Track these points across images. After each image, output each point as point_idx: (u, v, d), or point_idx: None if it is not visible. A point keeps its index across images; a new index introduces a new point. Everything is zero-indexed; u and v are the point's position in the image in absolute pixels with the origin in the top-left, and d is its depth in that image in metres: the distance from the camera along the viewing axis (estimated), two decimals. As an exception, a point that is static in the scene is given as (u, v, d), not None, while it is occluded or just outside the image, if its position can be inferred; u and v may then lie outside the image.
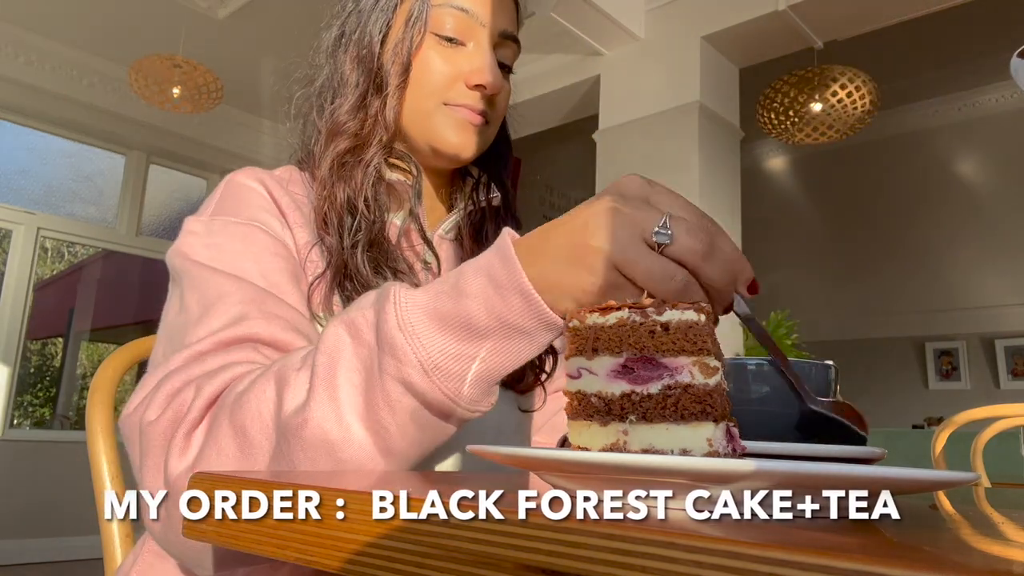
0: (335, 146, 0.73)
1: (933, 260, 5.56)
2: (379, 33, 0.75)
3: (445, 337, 0.47)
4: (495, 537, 0.27)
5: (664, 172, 3.59)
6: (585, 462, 0.33)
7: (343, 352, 0.50)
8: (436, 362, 0.47)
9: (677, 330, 0.39)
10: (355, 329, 0.50)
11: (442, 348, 0.47)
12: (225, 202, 0.71)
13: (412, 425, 0.49)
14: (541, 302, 0.46)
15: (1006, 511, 0.47)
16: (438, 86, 0.74)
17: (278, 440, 0.50)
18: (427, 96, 0.74)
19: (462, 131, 0.75)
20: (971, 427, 1.69)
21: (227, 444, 0.52)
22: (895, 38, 4.12)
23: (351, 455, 0.49)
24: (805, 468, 0.29)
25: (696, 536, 0.24)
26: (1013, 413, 1.63)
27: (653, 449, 0.39)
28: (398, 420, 0.49)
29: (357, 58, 0.76)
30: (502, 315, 0.47)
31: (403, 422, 0.49)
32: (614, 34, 3.78)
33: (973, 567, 0.20)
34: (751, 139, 5.35)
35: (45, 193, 4.73)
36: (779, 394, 0.50)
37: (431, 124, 0.75)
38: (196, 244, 0.67)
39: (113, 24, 4.18)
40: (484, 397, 0.50)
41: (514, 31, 0.77)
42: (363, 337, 0.50)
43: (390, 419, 0.49)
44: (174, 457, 0.53)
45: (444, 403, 0.48)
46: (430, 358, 0.47)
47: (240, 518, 0.37)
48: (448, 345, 0.47)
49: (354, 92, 0.75)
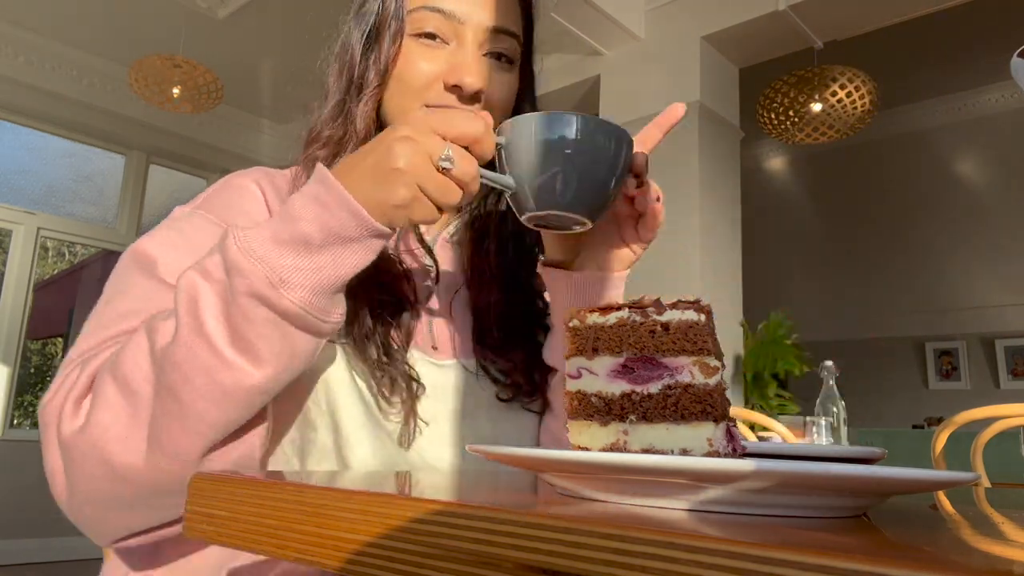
0: (309, 153, 0.74)
1: (933, 260, 5.56)
2: (359, 42, 0.75)
3: (285, 254, 0.54)
4: (495, 537, 0.27)
5: (664, 172, 3.58)
6: (585, 462, 0.33)
7: (200, 291, 0.55)
8: (280, 275, 0.53)
9: (677, 330, 0.39)
10: (205, 272, 0.55)
11: (284, 263, 0.53)
12: (213, 199, 0.73)
13: (274, 335, 0.54)
14: (364, 212, 0.54)
15: (1006, 511, 0.47)
16: (419, 87, 0.73)
17: (157, 378, 0.55)
18: (409, 99, 0.73)
19: None
20: (971, 427, 1.69)
21: (114, 398, 0.56)
22: (895, 38, 4.12)
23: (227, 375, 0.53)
24: (805, 468, 0.29)
25: (696, 536, 0.24)
26: (1013, 413, 1.63)
27: (653, 449, 0.39)
28: (258, 331, 0.54)
29: (339, 68, 0.76)
30: (333, 228, 0.54)
31: (264, 333, 0.54)
32: (614, 34, 3.78)
33: (973, 567, 0.20)
34: (751, 139, 5.35)
35: (45, 193, 4.73)
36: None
37: None
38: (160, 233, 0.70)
39: (113, 24, 4.18)
40: (332, 307, 0.56)
41: (507, 24, 0.74)
42: (214, 275, 0.55)
43: (251, 332, 0.54)
44: (65, 422, 0.57)
45: (295, 312, 0.54)
46: (274, 272, 0.53)
47: (240, 518, 0.37)
48: (289, 260, 0.53)
49: (332, 100, 0.75)
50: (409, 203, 0.54)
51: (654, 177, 0.64)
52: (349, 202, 0.54)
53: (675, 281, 3.44)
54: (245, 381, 0.54)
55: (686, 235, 3.47)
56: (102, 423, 0.55)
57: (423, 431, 0.70)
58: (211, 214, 0.71)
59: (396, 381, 0.68)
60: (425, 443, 0.70)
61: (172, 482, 0.56)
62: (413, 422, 0.69)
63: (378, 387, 0.68)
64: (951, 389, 5.40)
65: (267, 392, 0.56)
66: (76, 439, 0.56)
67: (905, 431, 4.27)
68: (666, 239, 3.54)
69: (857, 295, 5.85)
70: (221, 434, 0.56)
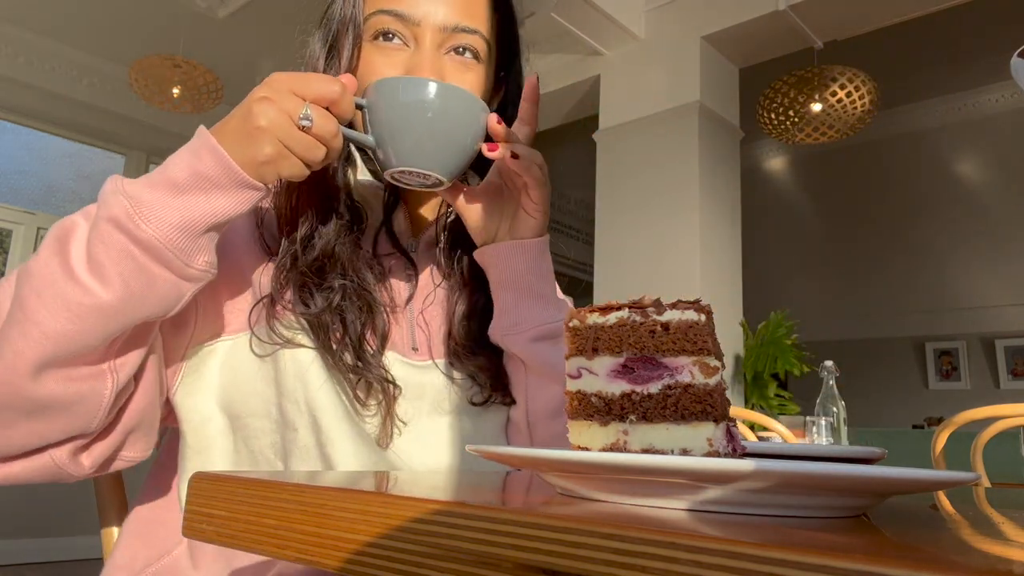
0: None
1: (933, 260, 5.56)
2: (322, 50, 0.75)
3: (151, 191, 0.56)
4: (495, 537, 0.27)
5: (664, 172, 3.59)
6: (585, 462, 0.33)
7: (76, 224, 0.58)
8: (141, 209, 0.55)
9: (677, 330, 0.39)
10: (85, 211, 0.59)
11: (147, 198, 0.56)
12: None
13: (128, 263, 0.55)
14: (230, 160, 0.57)
15: (1006, 511, 0.47)
16: None
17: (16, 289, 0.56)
18: None
19: None
20: (971, 427, 1.69)
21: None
22: (895, 38, 4.12)
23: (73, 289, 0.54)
24: (805, 468, 0.29)
25: (696, 536, 0.24)
26: (1013, 413, 1.63)
27: (653, 449, 0.39)
28: (113, 256, 0.55)
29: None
30: (197, 169, 0.57)
31: (118, 259, 0.55)
32: (614, 34, 3.78)
33: (973, 567, 0.20)
34: (751, 139, 5.35)
35: (45, 193, 4.73)
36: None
37: None
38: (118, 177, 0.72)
39: (113, 24, 4.18)
40: (195, 250, 0.58)
41: (466, 22, 0.73)
42: (89, 212, 0.58)
43: (106, 257, 0.55)
44: None
45: (152, 243, 0.55)
46: (136, 205, 0.55)
47: (240, 518, 0.37)
48: (153, 196, 0.56)
49: None
50: (275, 159, 0.58)
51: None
52: (216, 149, 0.57)
53: (675, 281, 3.44)
54: (88, 299, 0.54)
55: (686, 235, 3.48)
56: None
57: (402, 431, 0.71)
58: None
59: (372, 385, 0.69)
60: (405, 443, 0.71)
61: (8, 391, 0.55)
62: (391, 423, 0.70)
63: (354, 392, 0.68)
64: (951, 389, 5.40)
65: (113, 318, 0.55)
66: None
67: (905, 431, 4.27)
68: (666, 239, 3.55)
69: (857, 295, 5.85)
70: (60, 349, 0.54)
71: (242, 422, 0.69)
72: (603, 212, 3.79)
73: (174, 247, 0.56)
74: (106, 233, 0.55)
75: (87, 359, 0.57)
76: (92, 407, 0.58)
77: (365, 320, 0.71)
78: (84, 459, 0.61)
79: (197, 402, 0.69)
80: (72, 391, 0.56)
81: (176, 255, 0.56)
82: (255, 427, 0.69)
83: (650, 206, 3.61)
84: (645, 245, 3.59)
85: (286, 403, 0.67)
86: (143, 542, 0.71)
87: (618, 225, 3.71)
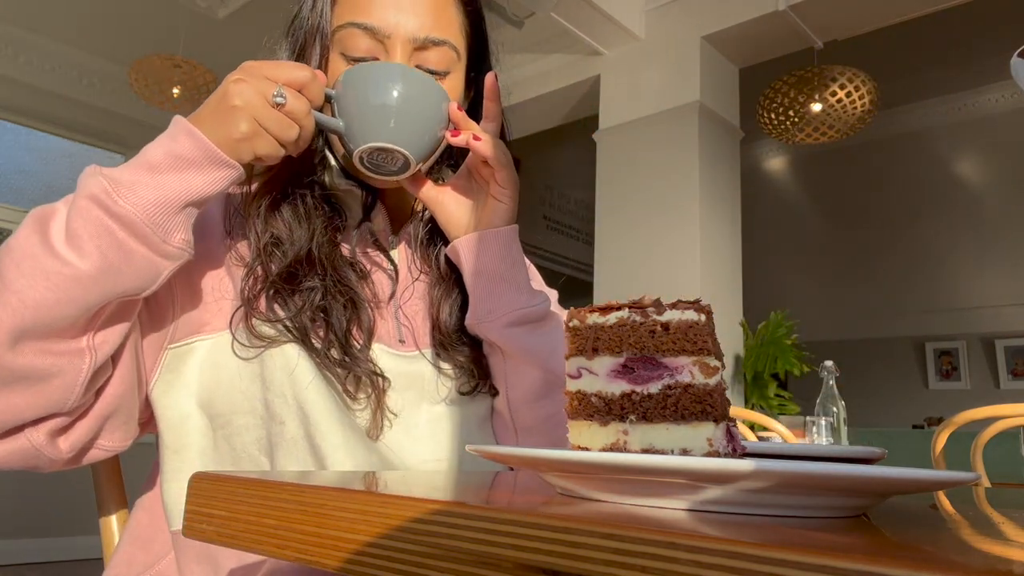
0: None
1: (933, 260, 5.56)
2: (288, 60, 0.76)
3: (129, 172, 0.58)
4: (495, 537, 0.27)
5: (664, 172, 3.59)
6: (585, 462, 0.32)
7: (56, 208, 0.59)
8: (118, 187, 0.57)
9: (677, 330, 0.39)
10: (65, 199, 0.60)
11: (125, 178, 0.58)
12: None
13: (105, 236, 0.56)
14: (205, 137, 0.59)
15: (1006, 511, 0.47)
16: None
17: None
18: None
19: None
20: (971, 427, 1.69)
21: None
22: (895, 38, 4.12)
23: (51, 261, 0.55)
24: (805, 468, 0.29)
25: (696, 536, 0.24)
26: (1013, 413, 1.63)
27: (653, 449, 0.39)
28: (90, 230, 0.56)
29: None
30: (173, 151, 0.59)
31: (95, 232, 0.56)
32: (614, 34, 3.78)
33: (973, 567, 0.20)
34: (751, 139, 5.35)
35: (45, 193, 4.73)
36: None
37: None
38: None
39: (113, 24, 4.18)
40: (173, 227, 0.59)
41: (436, 33, 0.73)
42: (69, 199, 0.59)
43: (84, 230, 0.56)
44: None
45: (129, 217, 0.57)
46: (113, 183, 0.57)
47: (240, 518, 0.37)
48: (131, 176, 0.58)
49: None
50: (251, 137, 0.60)
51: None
52: (192, 131, 0.59)
53: (675, 281, 3.44)
54: (67, 270, 0.55)
55: (686, 235, 3.48)
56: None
57: (392, 423, 0.72)
58: None
59: (361, 379, 0.70)
60: (396, 433, 0.72)
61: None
62: (381, 415, 0.71)
63: (343, 386, 0.69)
64: (951, 389, 5.40)
65: (91, 290, 0.56)
66: None
67: (905, 431, 4.27)
68: (666, 239, 3.55)
69: (857, 295, 5.85)
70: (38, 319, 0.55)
71: (223, 420, 0.69)
72: (603, 212, 3.79)
73: (151, 222, 0.57)
74: (84, 209, 0.57)
75: (66, 334, 0.57)
76: (69, 382, 0.58)
77: (350, 316, 0.71)
78: (62, 443, 0.62)
79: (174, 400, 0.69)
80: (49, 363, 0.57)
81: (153, 230, 0.58)
82: (238, 424, 0.68)
83: (650, 206, 3.61)
84: (645, 245, 3.59)
85: (272, 397, 0.67)
86: (141, 547, 0.72)
87: (618, 225, 3.71)
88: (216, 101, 0.61)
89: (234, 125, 0.60)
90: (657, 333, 0.40)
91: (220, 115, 0.60)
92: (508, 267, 0.74)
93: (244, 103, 0.59)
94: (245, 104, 0.59)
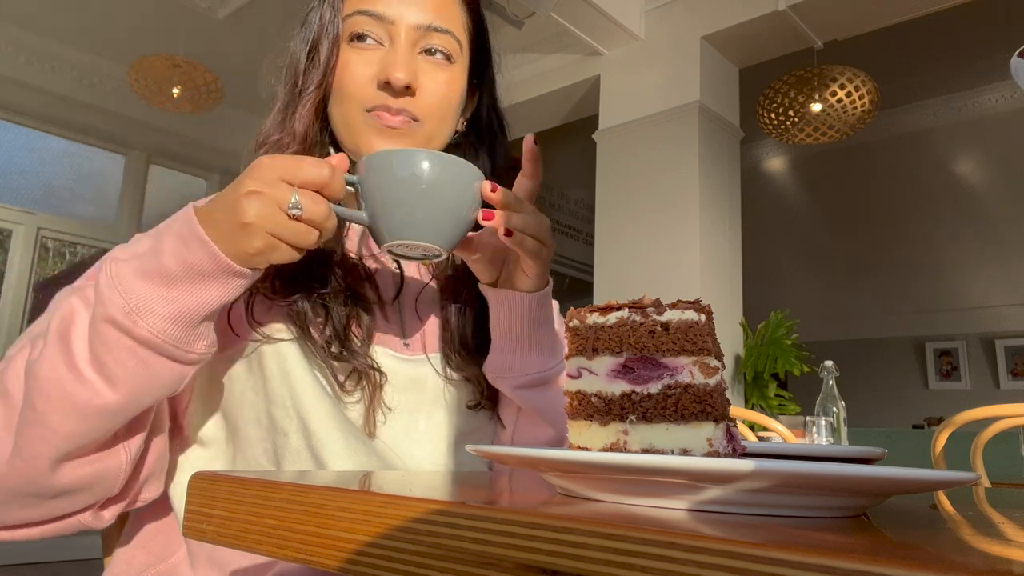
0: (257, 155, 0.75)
1: (933, 260, 5.56)
2: (303, 52, 0.76)
3: (145, 285, 0.56)
4: (495, 537, 0.27)
5: (664, 172, 3.59)
6: (585, 462, 0.33)
7: (75, 312, 0.58)
8: (137, 304, 0.55)
9: (677, 330, 0.39)
10: (84, 297, 0.59)
11: (142, 293, 0.56)
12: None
13: (130, 360, 0.56)
14: (216, 248, 0.56)
15: (1006, 511, 0.47)
16: (355, 91, 0.74)
17: (25, 387, 0.57)
18: (351, 105, 0.74)
19: (386, 138, 0.74)
20: (971, 427, 1.69)
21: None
22: (895, 38, 4.12)
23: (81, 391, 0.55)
24: (805, 468, 0.29)
25: (696, 536, 0.24)
26: (1013, 413, 1.62)
27: (653, 449, 0.39)
28: (115, 356, 0.56)
29: (286, 77, 0.78)
30: (188, 261, 0.56)
31: (121, 358, 0.56)
32: (614, 34, 3.78)
33: (973, 567, 0.20)
34: (751, 139, 5.35)
35: (45, 193, 4.73)
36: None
37: (357, 135, 0.75)
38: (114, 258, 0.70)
39: (113, 24, 4.18)
40: (194, 338, 0.58)
41: (440, 22, 0.75)
42: (88, 297, 0.58)
43: (109, 356, 0.56)
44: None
45: (151, 339, 0.56)
46: (131, 301, 0.55)
47: (240, 518, 0.37)
48: (147, 290, 0.56)
49: (278, 106, 0.77)
50: (265, 251, 0.57)
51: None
52: (205, 242, 0.56)
53: (675, 281, 3.44)
54: (97, 400, 0.55)
55: (686, 235, 3.48)
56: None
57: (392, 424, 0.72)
58: None
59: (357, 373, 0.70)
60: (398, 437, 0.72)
61: (30, 485, 0.57)
62: (374, 410, 0.71)
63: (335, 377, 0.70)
64: (951, 389, 5.40)
65: (122, 412, 0.57)
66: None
67: (905, 431, 4.27)
68: (666, 239, 3.55)
69: (857, 295, 5.85)
70: (74, 446, 0.57)
71: (239, 432, 0.70)
72: (603, 212, 3.79)
73: (173, 340, 0.56)
74: (105, 333, 0.55)
75: (99, 445, 0.59)
76: (110, 482, 0.61)
77: (350, 313, 0.72)
78: (106, 514, 0.64)
79: (203, 423, 0.72)
80: (89, 473, 0.59)
81: (176, 346, 0.57)
82: (249, 435, 0.70)
83: (650, 206, 3.61)
84: (645, 245, 3.59)
85: (275, 410, 0.68)
86: (142, 549, 0.72)
87: (618, 225, 3.71)
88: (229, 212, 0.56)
89: (247, 242, 0.56)
90: (657, 333, 0.40)
91: (232, 229, 0.56)
92: (533, 329, 0.72)
93: (257, 218, 0.55)
94: (258, 219, 0.55)
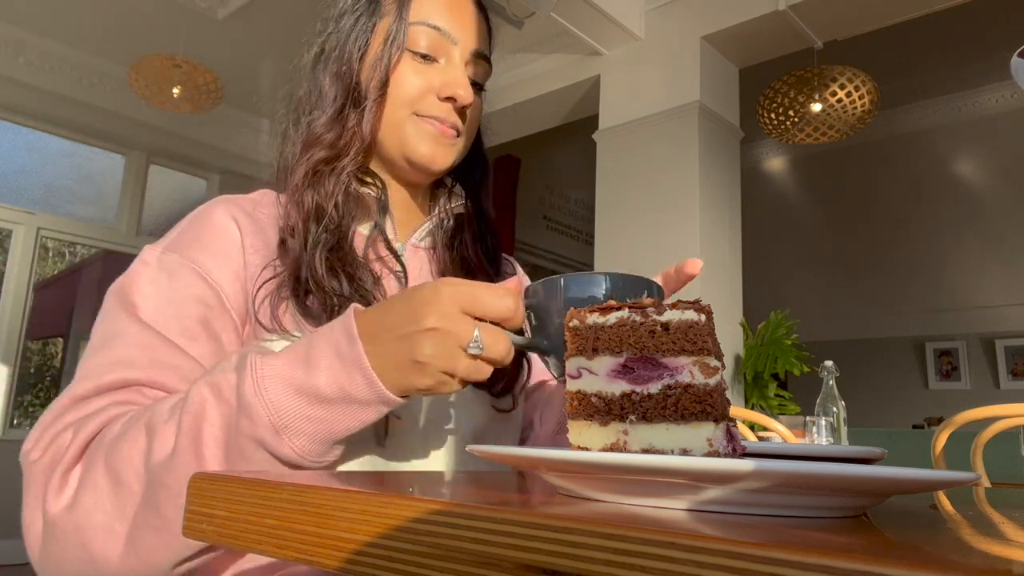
0: (311, 155, 0.76)
1: (933, 260, 5.56)
2: (358, 51, 0.78)
3: (295, 401, 0.54)
4: (495, 537, 0.27)
5: (664, 172, 3.59)
6: (585, 462, 0.32)
7: (207, 412, 0.56)
8: (285, 422, 0.54)
9: (677, 330, 0.39)
10: (218, 390, 0.56)
11: (292, 411, 0.54)
12: (183, 236, 0.73)
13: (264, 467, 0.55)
14: (379, 383, 0.54)
15: (1006, 511, 0.47)
16: (410, 98, 0.77)
17: (147, 485, 0.55)
18: (399, 107, 0.77)
19: (434, 143, 0.78)
20: (971, 427, 1.69)
21: (102, 484, 0.56)
22: (895, 38, 4.12)
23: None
24: (805, 468, 0.29)
25: (696, 536, 0.24)
26: (1013, 413, 1.63)
27: (653, 449, 0.39)
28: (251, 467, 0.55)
29: (336, 74, 0.78)
30: (345, 388, 0.54)
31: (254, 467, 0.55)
32: (614, 34, 3.78)
33: (973, 567, 0.20)
34: (751, 139, 5.35)
35: (45, 193, 4.73)
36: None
37: (404, 135, 0.77)
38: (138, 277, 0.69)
39: (113, 24, 4.18)
40: (328, 451, 0.57)
41: (486, 51, 0.81)
42: (224, 397, 0.56)
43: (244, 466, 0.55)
44: (51, 495, 0.58)
45: (292, 458, 0.55)
46: (280, 420, 0.54)
47: (240, 518, 0.37)
48: (297, 408, 0.54)
49: (332, 106, 0.77)
50: (435, 387, 0.54)
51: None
52: (370, 376, 0.54)
53: (675, 281, 3.43)
54: None
55: (686, 235, 3.48)
56: (86, 507, 0.56)
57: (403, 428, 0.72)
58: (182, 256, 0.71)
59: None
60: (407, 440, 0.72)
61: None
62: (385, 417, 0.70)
63: None
64: (951, 389, 5.40)
65: None
66: (61, 518, 0.57)
67: (905, 431, 4.27)
68: (666, 239, 3.55)
69: (857, 295, 5.85)
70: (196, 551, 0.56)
71: None
72: (603, 212, 3.79)
73: (313, 456, 0.56)
74: (248, 450, 0.54)
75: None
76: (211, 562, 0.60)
77: None
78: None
79: None
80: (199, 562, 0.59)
81: (312, 461, 0.56)
82: None
83: (650, 206, 3.61)
84: (645, 245, 3.59)
85: None
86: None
87: (618, 225, 3.71)
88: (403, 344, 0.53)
89: (418, 379, 0.53)
90: (657, 333, 0.40)
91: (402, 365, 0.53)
92: None
93: (433, 359, 0.52)
94: (434, 360, 0.52)
